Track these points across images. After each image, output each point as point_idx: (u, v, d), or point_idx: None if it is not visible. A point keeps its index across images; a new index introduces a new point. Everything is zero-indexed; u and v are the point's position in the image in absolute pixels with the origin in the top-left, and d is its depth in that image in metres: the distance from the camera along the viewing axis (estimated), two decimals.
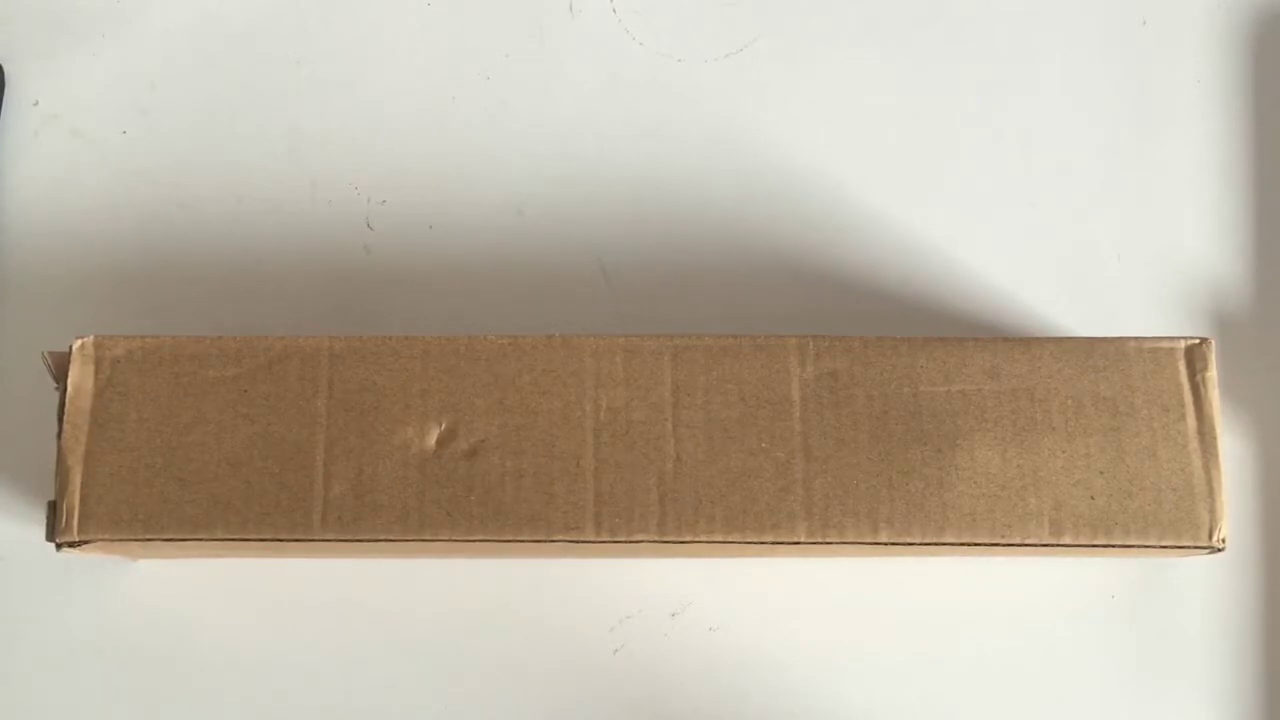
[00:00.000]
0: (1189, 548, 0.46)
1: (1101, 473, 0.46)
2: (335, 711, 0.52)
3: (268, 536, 0.45)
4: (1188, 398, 0.47)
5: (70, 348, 0.46)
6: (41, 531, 0.45)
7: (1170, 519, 0.46)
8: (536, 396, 0.46)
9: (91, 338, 0.46)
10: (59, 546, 0.45)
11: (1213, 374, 0.47)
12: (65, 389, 0.46)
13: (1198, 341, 0.47)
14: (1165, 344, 0.47)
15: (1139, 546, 0.46)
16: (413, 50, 0.59)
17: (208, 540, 0.45)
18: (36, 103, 0.58)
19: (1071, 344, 0.47)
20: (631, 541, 0.45)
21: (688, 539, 0.45)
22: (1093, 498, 0.46)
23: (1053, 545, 0.46)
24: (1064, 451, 0.46)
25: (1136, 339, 0.47)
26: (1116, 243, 0.56)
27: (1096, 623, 0.53)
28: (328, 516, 0.45)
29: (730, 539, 0.45)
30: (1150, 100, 0.58)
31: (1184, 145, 0.58)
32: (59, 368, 0.46)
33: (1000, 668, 0.52)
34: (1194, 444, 0.46)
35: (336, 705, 0.52)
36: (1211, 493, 0.46)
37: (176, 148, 0.57)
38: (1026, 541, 0.45)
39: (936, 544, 0.45)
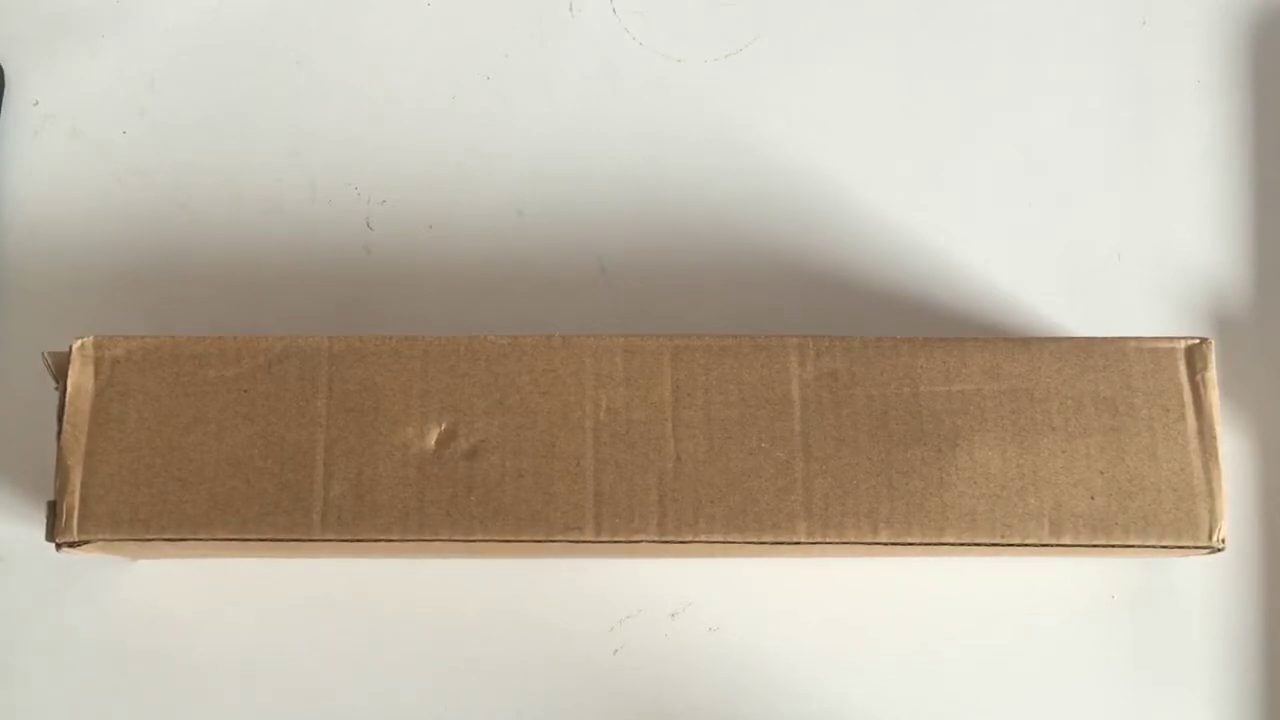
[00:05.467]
0: (1189, 548, 0.46)
1: (1101, 473, 0.46)
2: (335, 711, 0.52)
3: (268, 536, 0.45)
4: (1188, 398, 0.47)
5: (70, 348, 0.46)
6: (41, 531, 0.45)
7: (1170, 519, 0.46)
8: (536, 396, 0.46)
9: (91, 338, 0.46)
10: (59, 546, 0.45)
11: (1213, 374, 0.47)
12: (65, 389, 0.46)
13: (1198, 341, 0.47)
14: (1165, 344, 0.47)
15: (1139, 546, 0.46)
16: (413, 50, 0.59)
17: (208, 540, 0.45)
18: (36, 103, 0.58)
19: (1071, 344, 0.47)
20: (631, 541, 0.45)
21: (688, 539, 0.45)
22: (1093, 498, 0.46)
23: (1053, 545, 0.46)
24: (1064, 451, 0.46)
25: (1136, 339, 0.47)
26: (1116, 243, 0.56)
27: (1096, 623, 0.53)
28: (328, 516, 0.45)
29: (730, 539, 0.45)
30: (1150, 100, 0.58)
31: (1184, 145, 0.58)
32: (59, 368, 0.46)
33: (1000, 668, 0.52)
34: (1194, 444, 0.46)
35: (336, 705, 0.52)
36: (1211, 493, 0.46)
37: (176, 148, 0.57)
38: (1026, 541, 0.45)
39: (936, 544, 0.45)
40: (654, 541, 0.45)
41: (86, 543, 0.45)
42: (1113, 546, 0.46)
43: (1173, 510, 0.46)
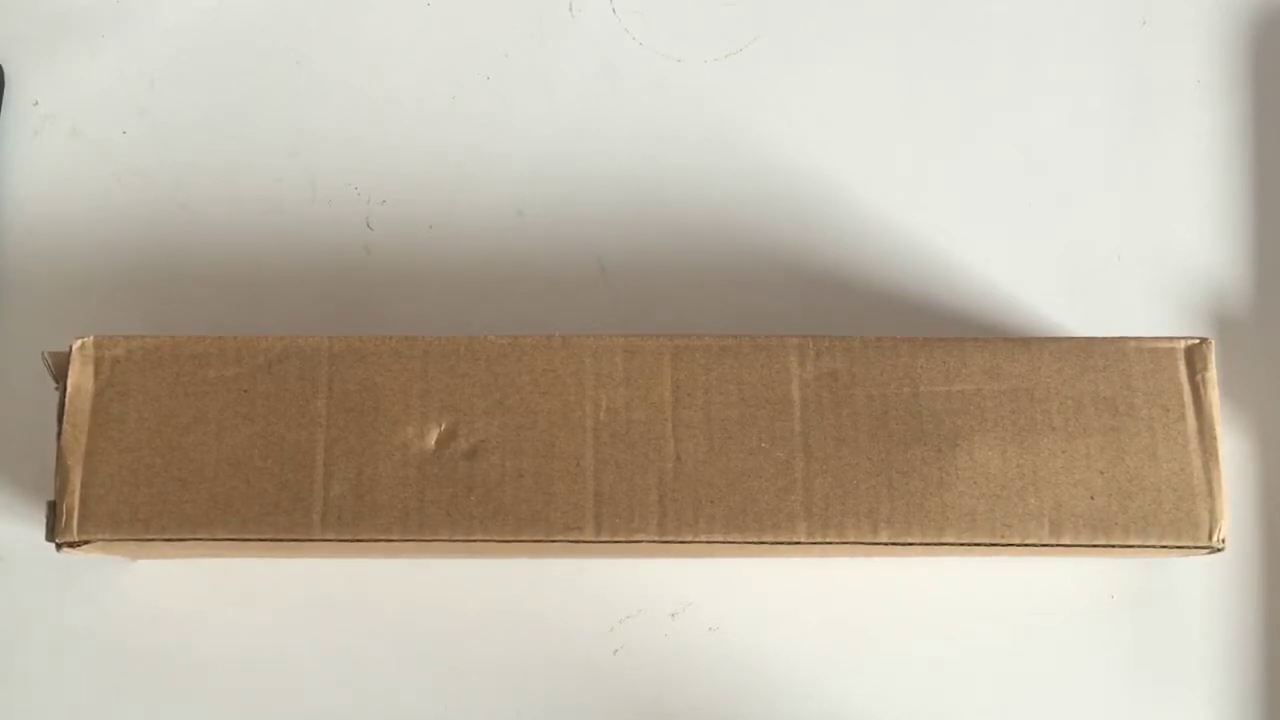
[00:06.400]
0: (1189, 548, 0.46)
1: (1101, 473, 0.46)
2: (335, 711, 0.52)
3: (268, 536, 0.45)
4: (1188, 398, 0.47)
5: (70, 348, 0.46)
6: (41, 531, 0.45)
7: (1170, 519, 0.46)
8: (536, 396, 0.46)
9: (91, 338, 0.46)
10: (59, 546, 0.45)
11: (1213, 374, 0.47)
12: (65, 389, 0.46)
13: (1198, 341, 0.47)
14: (1165, 344, 0.47)
15: (1139, 546, 0.46)
16: (413, 50, 0.59)
17: (208, 540, 0.45)
18: (36, 103, 0.58)
19: (1071, 344, 0.47)
20: (631, 541, 0.45)
21: (688, 539, 0.45)
22: (1093, 498, 0.46)
23: (1053, 545, 0.46)
24: (1064, 451, 0.46)
25: (1136, 339, 0.47)
26: (1116, 243, 0.56)
27: (1096, 623, 0.53)
28: (328, 516, 0.45)
29: (730, 539, 0.45)
30: (1150, 100, 0.58)
31: (1184, 145, 0.58)
32: (59, 368, 0.46)
33: (1000, 668, 0.52)
34: (1194, 444, 0.46)
35: (336, 705, 0.52)
36: (1211, 493, 0.46)
37: (176, 148, 0.57)
38: (1026, 541, 0.45)
39: (936, 544, 0.45)
40: (654, 541, 0.45)
41: (86, 543, 0.45)
42: (1113, 546, 0.46)
43: (1173, 510, 0.46)
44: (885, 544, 0.45)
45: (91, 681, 0.52)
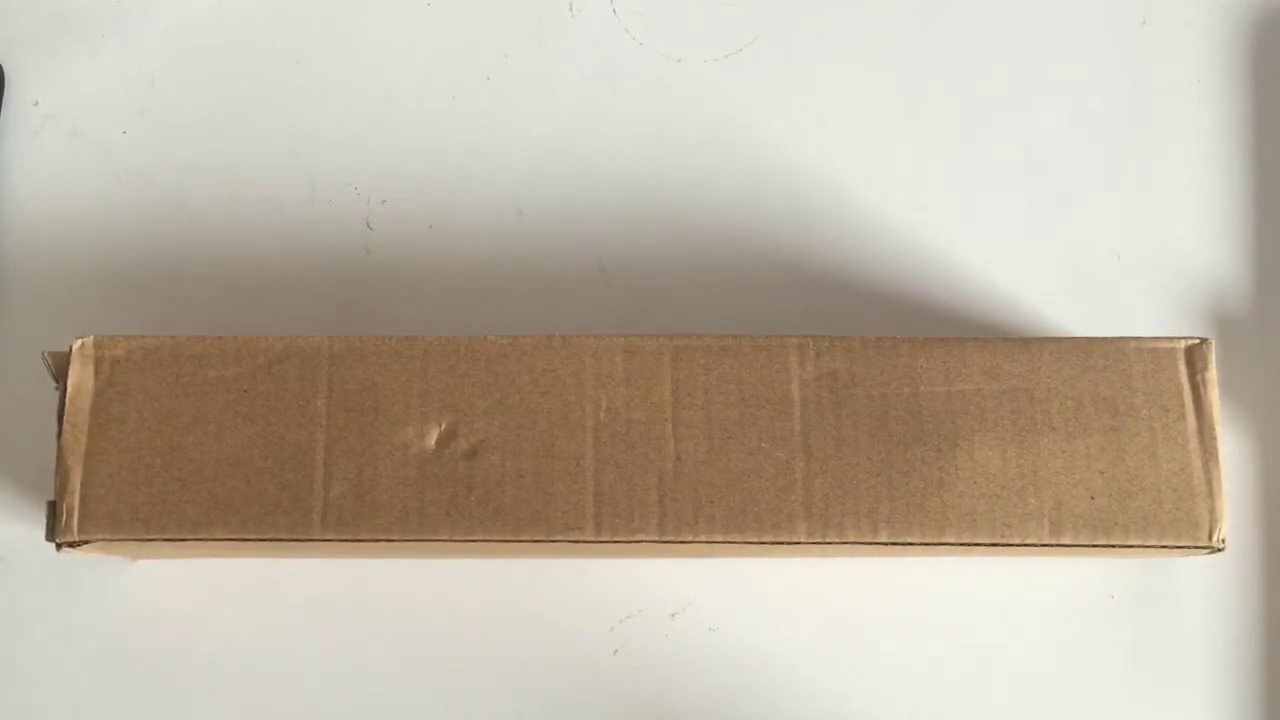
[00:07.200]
0: (1189, 548, 0.46)
1: (1101, 473, 0.46)
2: (335, 711, 0.52)
3: (268, 536, 0.45)
4: (1188, 398, 0.47)
5: (70, 348, 0.46)
6: (41, 531, 0.45)
7: (1170, 519, 0.46)
8: (536, 396, 0.46)
9: (91, 338, 0.46)
10: (59, 546, 0.45)
11: (1213, 374, 0.47)
12: (65, 389, 0.46)
13: (1198, 341, 0.47)
14: (1165, 344, 0.47)
15: (1139, 546, 0.46)
16: (413, 50, 0.59)
17: (208, 540, 0.45)
18: (36, 103, 0.58)
19: (1071, 344, 0.47)
20: (631, 541, 0.45)
21: (688, 539, 0.45)
22: (1093, 498, 0.46)
23: (1053, 545, 0.46)
24: (1064, 451, 0.46)
25: (1136, 339, 0.47)
26: (1116, 243, 0.56)
27: (1096, 623, 0.53)
28: (328, 516, 0.45)
29: (730, 539, 0.45)
30: (1150, 100, 0.58)
31: (1184, 145, 0.58)
32: (59, 368, 0.46)
33: (1000, 668, 0.52)
34: (1194, 444, 0.46)
35: (336, 705, 0.52)
36: (1211, 493, 0.46)
37: (176, 148, 0.57)
38: (1026, 541, 0.45)
39: (936, 544, 0.45)
40: (654, 541, 0.45)
41: (86, 543, 0.45)
42: (1113, 546, 0.46)
43: (1173, 510, 0.46)
44: (885, 544, 0.45)
45: (91, 681, 0.52)
